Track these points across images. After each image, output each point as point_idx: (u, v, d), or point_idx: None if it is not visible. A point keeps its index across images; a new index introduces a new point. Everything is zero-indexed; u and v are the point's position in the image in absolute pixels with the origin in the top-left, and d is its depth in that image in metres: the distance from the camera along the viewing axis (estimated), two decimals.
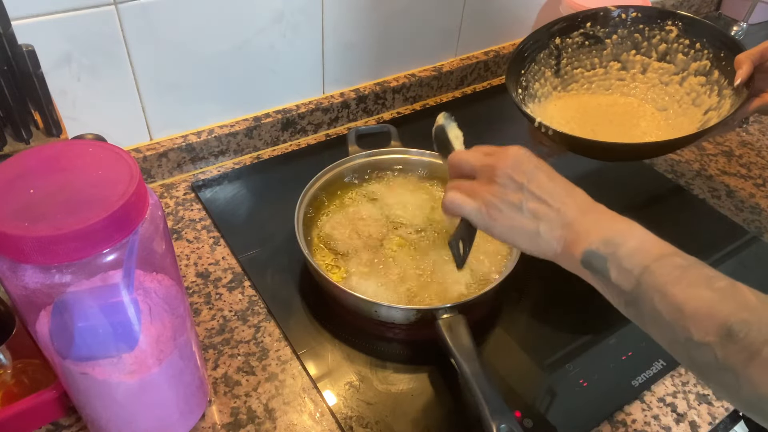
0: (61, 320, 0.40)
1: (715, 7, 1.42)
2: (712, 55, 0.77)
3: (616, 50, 0.84)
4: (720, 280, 0.42)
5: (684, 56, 0.80)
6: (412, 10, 0.92)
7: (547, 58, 0.82)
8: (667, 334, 0.43)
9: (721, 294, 0.41)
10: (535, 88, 0.81)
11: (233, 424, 0.54)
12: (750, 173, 0.91)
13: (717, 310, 0.40)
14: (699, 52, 0.79)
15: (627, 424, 0.57)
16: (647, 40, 0.82)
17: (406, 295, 0.63)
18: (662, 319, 0.42)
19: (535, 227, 0.48)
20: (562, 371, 0.61)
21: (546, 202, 0.48)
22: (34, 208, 0.35)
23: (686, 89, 0.80)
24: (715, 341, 0.39)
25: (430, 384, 0.59)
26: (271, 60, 0.83)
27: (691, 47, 0.79)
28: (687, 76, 0.80)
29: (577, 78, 0.85)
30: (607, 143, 0.69)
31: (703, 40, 0.78)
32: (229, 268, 0.69)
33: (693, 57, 0.79)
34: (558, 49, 0.83)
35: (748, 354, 0.38)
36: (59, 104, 0.65)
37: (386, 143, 0.81)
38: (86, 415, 0.49)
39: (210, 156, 0.83)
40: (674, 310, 0.41)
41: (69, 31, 0.65)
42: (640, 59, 0.83)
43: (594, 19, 0.83)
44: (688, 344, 0.41)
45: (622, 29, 0.83)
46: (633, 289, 0.44)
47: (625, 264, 0.44)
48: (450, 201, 0.52)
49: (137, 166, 0.38)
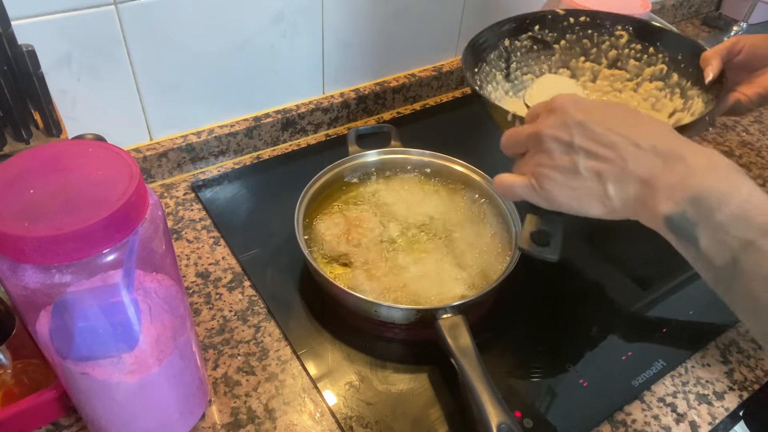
0: (61, 320, 0.40)
1: (715, 7, 1.42)
2: (668, 58, 0.74)
3: (565, 57, 0.80)
4: None
5: (637, 61, 0.77)
6: (412, 10, 0.92)
7: (497, 60, 0.77)
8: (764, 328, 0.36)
9: None
10: (488, 90, 0.76)
11: (233, 424, 0.54)
12: (750, 173, 0.91)
13: None
14: (653, 56, 0.75)
15: (627, 424, 0.57)
16: (596, 46, 0.78)
17: (406, 295, 0.63)
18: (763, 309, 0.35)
19: (602, 189, 0.41)
20: (562, 371, 0.61)
21: (606, 157, 0.40)
22: (34, 208, 0.35)
23: (642, 95, 0.76)
24: None
25: (430, 384, 0.59)
26: (271, 60, 0.83)
27: (643, 52, 0.76)
28: (642, 82, 0.76)
29: (527, 84, 0.79)
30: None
31: (656, 44, 0.75)
32: (229, 268, 0.69)
33: (647, 62, 0.76)
34: (508, 52, 0.78)
35: None
36: (59, 104, 0.65)
37: (386, 143, 0.81)
38: (86, 415, 0.49)
39: (210, 156, 0.84)
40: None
41: (69, 31, 0.65)
42: (590, 66, 0.79)
43: (542, 23, 0.78)
44: None
45: (570, 34, 0.78)
46: (727, 265, 0.36)
47: (720, 234, 0.36)
48: (499, 185, 0.46)
49: (137, 166, 0.38)
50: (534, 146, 0.44)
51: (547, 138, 0.42)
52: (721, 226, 0.36)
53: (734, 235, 0.35)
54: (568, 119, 0.42)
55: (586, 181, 0.41)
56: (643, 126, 0.41)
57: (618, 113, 0.42)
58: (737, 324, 0.67)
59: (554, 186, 0.42)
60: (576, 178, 0.41)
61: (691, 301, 0.69)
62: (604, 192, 0.41)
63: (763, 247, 0.34)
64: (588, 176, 0.41)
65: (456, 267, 0.66)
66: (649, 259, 0.75)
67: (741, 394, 0.60)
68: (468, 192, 0.76)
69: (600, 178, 0.40)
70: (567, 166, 0.42)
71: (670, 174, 0.38)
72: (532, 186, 0.44)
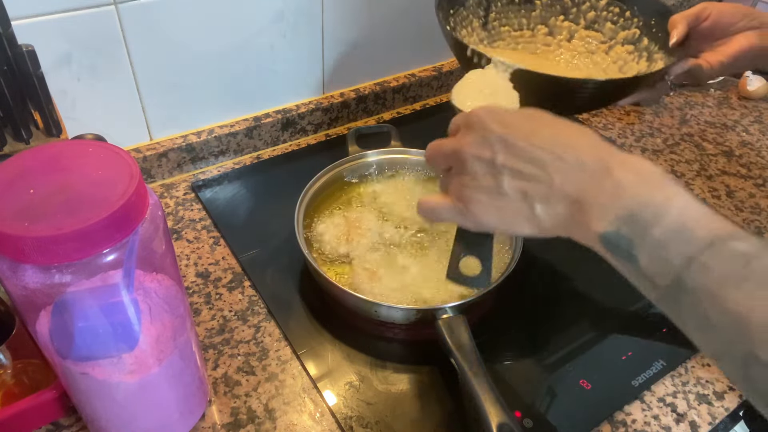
0: (61, 320, 0.40)
1: None
2: (641, 23, 0.76)
3: (545, 13, 0.82)
4: None
5: (613, 24, 0.79)
6: (412, 10, 0.92)
7: (476, 7, 0.79)
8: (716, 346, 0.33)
9: None
10: (462, 34, 0.76)
11: (233, 424, 0.54)
12: (750, 173, 0.91)
13: None
14: (629, 20, 0.77)
15: (627, 424, 0.57)
16: (576, 6, 0.81)
17: (406, 295, 0.63)
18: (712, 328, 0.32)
19: (529, 210, 0.38)
20: (562, 371, 0.61)
21: (530, 175, 0.38)
22: (34, 208, 0.35)
23: (612, 57, 0.78)
24: None
25: (430, 384, 0.59)
26: (271, 60, 0.83)
27: (620, 15, 0.78)
28: (614, 45, 0.79)
29: (504, 36, 0.81)
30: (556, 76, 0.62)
31: (633, 8, 0.77)
32: (229, 268, 0.69)
33: (622, 26, 0.78)
34: (488, 2, 0.80)
35: None
36: (59, 104, 0.65)
37: (386, 143, 0.81)
38: (86, 415, 0.49)
39: (210, 156, 0.84)
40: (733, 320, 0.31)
41: (69, 31, 0.65)
42: (568, 26, 0.81)
43: None
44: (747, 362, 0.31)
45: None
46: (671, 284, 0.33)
47: (659, 251, 0.33)
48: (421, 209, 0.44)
49: (137, 166, 0.38)
50: (456, 165, 0.42)
51: (468, 157, 0.40)
52: (660, 243, 0.33)
53: (675, 251, 0.33)
54: (489, 135, 0.39)
55: (513, 201, 0.39)
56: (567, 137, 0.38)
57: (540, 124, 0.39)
58: None
59: (480, 207, 0.40)
60: (501, 199, 0.39)
61: None
62: (532, 212, 0.38)
63: (707, 263, 0.32)
64: (513, 196, 0.38)
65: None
66: None
67: (741, 394, 0.60)
68: None
69: (526, 197, 0.38)
70: (491, 186, 0.39)
71: (600, 191, 0.35)
72: (457, 209, 0.42)
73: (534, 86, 0.63)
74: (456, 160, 0.41)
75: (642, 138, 0.97)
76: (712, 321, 0.32)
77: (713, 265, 0.32)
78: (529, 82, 0.63)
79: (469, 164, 0.40)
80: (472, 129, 0.40)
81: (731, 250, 0.32)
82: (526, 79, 0.62)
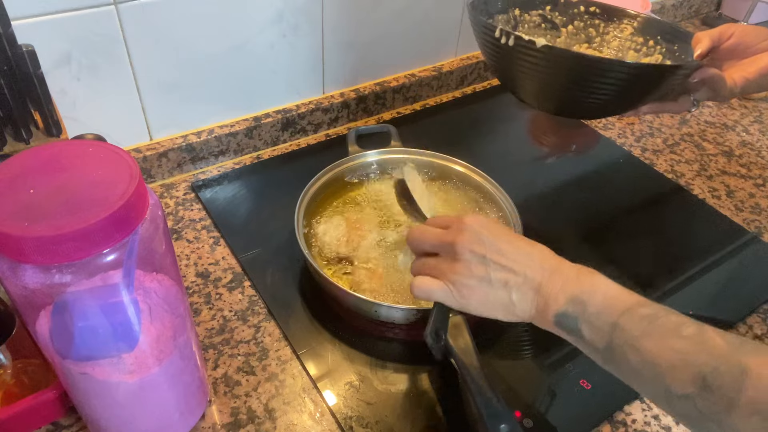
0: (61, 320, 0.40)
1: (715, 7, 1.42)
2: (665, 49, 0.78)
3: (569, 41, 0.84)
4: (688, 326, 0.42)
5: (635, 53, 0.80)
6: (412, 10, 0.92)
7: (504, 23, 0.81)
8: (647, 388, 0.43)
9: (691, 342, 0.41)
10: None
11: (233, 424, 0.54)
12: (750, 173, 0.91)
13: (690, 362, 0.40)
14: (652, 48, 0.79)
15: (627, 424, 0.57)
16: (601, 36, 0.83)
17: (406, 295, 0.63)
18: (639, 374, 0.43)
19: (508, 296, 0.48)
20: (562, 371, 0.61)
21: (511, 269, 0.48)
22: (34, 208, 0.35)
23: None
24: (694, 392, 0.39)
25: (430, 384, 0.59)
26: (271, 60, 0.83)
27: (644, 45, 0.80)
28: None
29: None
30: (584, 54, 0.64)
31: (657, 38, 0.79)
32: (229, 268, 0.69)
33: (645, 53, 0.80)
34: (516, 21, 0.82)
35: (727, 403, 0.38)
36: (59, 104, 0.65)
37: (386, 143, 0.81)
38: (86, 415, 0.49)
39: (210, 156, 0.84)
40: (650, 365, 0.42)
41: (69, 31, 0.65)
42: (592, 53, 0.83)
43: (554, 4, 0.83)
44: (668, 397, 0.41)
45: (579, 21, 0.83)
46: (606, 345, 0.44)
47: (595, 322, 0.45)
48: (418, 289, 0.51)
49: (137, 166, 0.38)
50: (448, 254, 0.50)
51: (464, 250, 0.49)
52: (594, 315, 0.45)
53: (603, 320, 0.44)
54: (482, 236, 0.49)
55: (497, 290, 0.48)
56: (532, 246, 0.50)
57: (514, 237, 0.51)
58: (737, 324, 0.67)
59: (470, 293, 0.49)
60: (488, 286, 0.49)
61: (691, 300, 0.69)
62: (509, 299, 0.48)
63: (625, 324, 0.43)
64: (497, 284, 0.48)
65: None
66: (649, 259, 0.76)
67: None
68: (468, 192, 0.76)
69: (506, 286, 0.48)
70: (482, 275, 0.48)
71: (553, 284, 0.47)
72: (450, 292, 0.50)
73: (560, 66, 0.64)
74: (450, 250, 0.50)
75: (642, 138, 0.97)
76: (637, 369, 0.42)
77: (629, 327, 0.43)
78: (556, 62, 0.63)
79: (464, 255, 0.49)
80: (466, 229, 0.50)
81: (639, 314, 0.43)
82: (553, 59, 0.63)
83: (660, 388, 0.42)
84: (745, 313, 0.68)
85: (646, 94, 0.67)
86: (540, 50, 0.62)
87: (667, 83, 0.65)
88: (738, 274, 0.74)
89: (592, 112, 0.77)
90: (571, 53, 0.66)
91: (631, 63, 0.65)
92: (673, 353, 0.41)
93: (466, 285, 0.49)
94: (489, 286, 0.49)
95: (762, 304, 0.70)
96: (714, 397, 0.39)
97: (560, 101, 0.70)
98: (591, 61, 0.63)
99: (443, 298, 0.50)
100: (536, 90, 0.70)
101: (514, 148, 0.96)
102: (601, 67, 0.63)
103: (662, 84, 0.65)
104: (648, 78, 0.64)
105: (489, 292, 0.49)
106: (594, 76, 0.63)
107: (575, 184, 0.88)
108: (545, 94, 0.70)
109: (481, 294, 0.49)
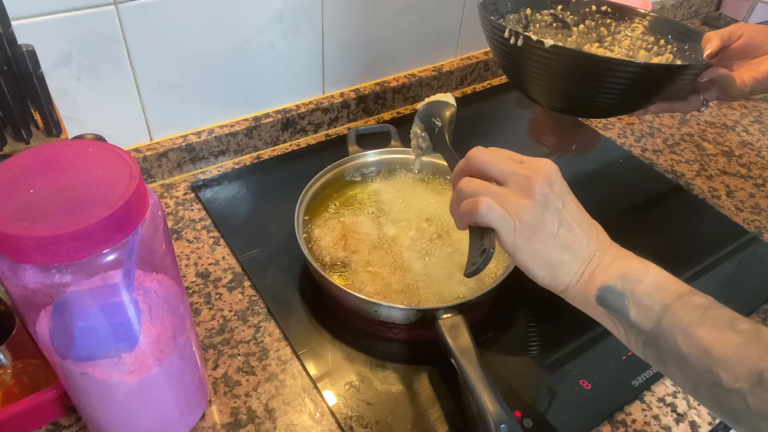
0: (61, 320, 0.40)
1: (715, 7, 1.42)
2: (675, 48, 0.78)
3: (581, 40, 0.84)
4: (743, 323, 0.40)
5: (646, 52, 0.80)
6: (411, 10, 0.92)
7: (515, 23, 0.81)
8: (691, 378, 0.41)
9: (747, 337, 0.39)
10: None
11: (233, 424, 0.54)
12: (750, 173, 0.91)
13: (745, 355, 0.38)
14: (663, 47, 0.79)
15: (627, 424, 0.57)
16: (612, 35, 0.83)
17: (406, 296, 0.63)
18: (686, 361, 0.41)
19: (561, 257, 0.45)
20: (562, 371, 0.61)
21: (575, 231, 0.45)
22: (34, 208, 0.35)
23: None
24: (746, 387, 0.38)
25: (430, 384, 0.59)
26: (271, 60, 0.83)
27: (655, 44, 0.80)
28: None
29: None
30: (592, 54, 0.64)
31: (668, 37, 0.79)
32: (229, 268, 0.69)
33: (656, 52, 0.80)
34: (527, 20, 0.82)
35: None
36: (59, 104, 0.65)
37: (386, 143, 0.81)
38: (86, 415, 0.49)
39: (210, 156, 0.84)
40: (701, 353, 0.40)
41: (69, 31, 0.65)
42: (602, 52, 0.83)
43: (565, 4, 0.83)
44: (716, 389, 0.39)
45: (590, 20, 0.83)
46: (654, 327, 0.42)
47: (645, 301, 0.43)
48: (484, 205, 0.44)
49: (137, 166, 0.38)
50: (520, 187, 0.45)
51: (542, 191, 0.44)
52: (645, 295, 0.43)
53: (656, 301, 0.43)
54: (560, 186, 0.45)
55: (556, 247, 0.45)
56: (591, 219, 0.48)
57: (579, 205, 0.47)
58: None
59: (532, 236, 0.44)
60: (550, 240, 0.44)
61: None
62: (561, 260, 0.45)
63: (678, 309, 0.42)
64: (559, 242, 0.45)
65: (456, 267, 0.66)
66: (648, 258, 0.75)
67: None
68: None
69: (565, 247, 0.45)
70: (550, 225, 0.44)
71: (604, 258, 0.46)
72: (513, 227, 0.44)
73: (568, 67, 0.64)
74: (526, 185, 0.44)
75: (642, 138, 0.97)
76: (685, 355, 0.41)
77: (682, 312, 0.42)
78: (564, 62, 0.64)
79: (539, 196, 0.44)
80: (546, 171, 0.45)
81: (693, 302, 0.42)
82: (561, 59, 0.63)
83: (707, 379, 0.40)
84: (745, 313, 0.68)
85: (655, 93, 0.67)
86: (549, 51, 0.62)
87: (677, 83, 0.65)
88: (738, 274, 0.74)
89: (601, 111, 0.77)
90: (579, 53, 0.66)
91: (639, 63, 0.65)
92: (728, 346, 0.39)
93: (532, 227, 0.44)
94: (552, 239, 0.44)
95: (762, 304, 0.70)
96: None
97: (569, 100, 0.71)
98: (599, 61, 0.63)
99: (503, 227, 0.44)
100: (545, 89, 0.70)
101: (514, 148, 0.95)
102: (609, 68, 0.63)
103: (671, 84, 0.65)
104: (657, 78, 0.65)
105: (547, 245, 0.44)
106: (602, 76, 0.63)
107: (575, 184, 0.86)
108: (554, 93, 0.70)
109: (540, 243, 0.44)
